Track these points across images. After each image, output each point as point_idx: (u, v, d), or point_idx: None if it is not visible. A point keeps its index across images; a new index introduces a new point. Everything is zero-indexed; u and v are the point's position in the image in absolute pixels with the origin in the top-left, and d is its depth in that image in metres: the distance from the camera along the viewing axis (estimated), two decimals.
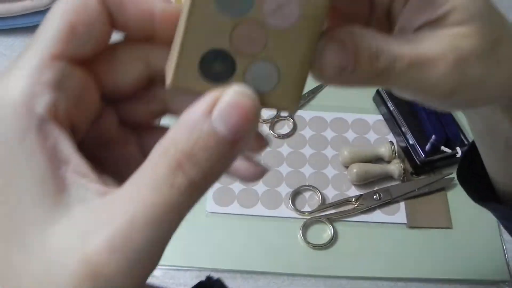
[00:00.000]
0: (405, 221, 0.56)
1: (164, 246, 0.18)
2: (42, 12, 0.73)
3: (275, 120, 0.64)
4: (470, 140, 0.50)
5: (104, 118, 0.23)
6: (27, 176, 0.18)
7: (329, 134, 0.63)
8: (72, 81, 0.20)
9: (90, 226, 0.17)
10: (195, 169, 0.17)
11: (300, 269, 0.53)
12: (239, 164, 0.24)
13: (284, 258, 0.54)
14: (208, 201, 0.57)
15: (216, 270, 0.54)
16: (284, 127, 0.64)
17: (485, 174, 0.36)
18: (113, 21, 0.20)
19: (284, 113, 0.64)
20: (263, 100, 0.19)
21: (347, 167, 0.59)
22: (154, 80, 0.23)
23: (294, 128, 0.63)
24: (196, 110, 0.18)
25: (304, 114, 0.65)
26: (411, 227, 0.56)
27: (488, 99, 0.26)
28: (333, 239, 0.55)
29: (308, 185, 0.59)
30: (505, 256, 0.54)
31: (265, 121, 0.64)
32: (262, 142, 0.24)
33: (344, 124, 0.64)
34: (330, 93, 0.66)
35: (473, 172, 0.36)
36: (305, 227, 0.56)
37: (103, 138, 0.23)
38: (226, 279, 0.53)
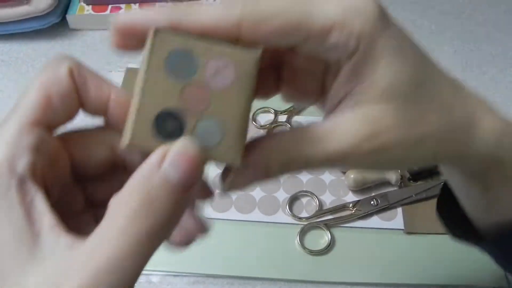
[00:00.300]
0: (402, 227, 0.56)
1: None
2: (39, 17, 0.73)
3: (273, 126, 0.64)
4: None
5: (71, 193, 0.25)
6: (6, 229, 0.20)
7: None
8: (48, 146, 0.22)
9: (61, 277, 0.19)
10: (151, 218, 0.19)
11: (297, 275, 0.53)
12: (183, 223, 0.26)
13: (281, 264, 0.54)
14: (205, 207, 0.57)
15: (213, 276, 0.53)
16: None
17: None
18: (79, 98, 0.23)
19: (281, 119, 0.64)
20: (211, 155, 0.21)
21: (344, 172, 0.59)
22: (117, 164, 0.25)
23: None
24: (148, 164, 0.20)
25: (301, 119, 0.65)
26: (409, 233, 0.56)
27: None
28: (331, 245, 0.55)
29: (306, 191, 0.58)
30: None
31: (262, 127, 0.64)
32: (208, 192, 0.27)
33: None
34: None
35: (452, 208, 0.35)
36: (303, 233, 0.56)
37: (68, 211, 0.25)
38: (223, 285, 0.53)
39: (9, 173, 0.20)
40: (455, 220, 0.35)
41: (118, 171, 0.26)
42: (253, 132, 0.63)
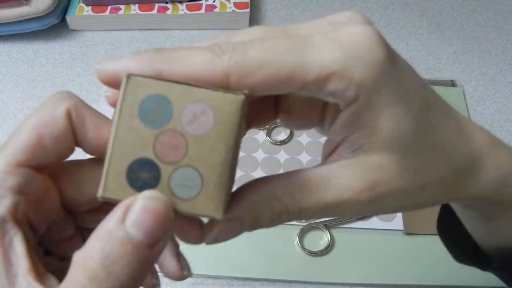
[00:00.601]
0: (402, 227, 0.56)
1: None
2: (39, 18, 0.73)
3: (272, 126, 0.64)
4: None
5: (62, 222, 0.24)
6: None
7: None
8: (34, 186, 0.21)
9: None
10: (113, 279, 0.18)
11: (296, 276, 0.53)
12: (167, 262, 0.26)
13: (281, 265, 0.54)
14: None
15: (213, 277, 0.53)
16: (281, 134, 0.64)
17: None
18: (76, 138, 0.22)
19: None
20: (189, 207, 0.20)
21: None
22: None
23: (291, 134, 0.63)
24: (109, 220, 0.19)
25: None
26: (408, 234, 0.56)
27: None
28: (330, 245, 0.55)
29: None
30: None
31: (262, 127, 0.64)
32: (199, 235, 0.24)
33: None
34: None
35: (455, 228, 0.34)
36: (302, 234, 0.56)
37: (60, 238, 0.25)
38: (223, 286, 0.53)
39: None
40: (458, 241, 0.34)
41: (109, 204, 0.25)
42: (253, 132, 0.63)
